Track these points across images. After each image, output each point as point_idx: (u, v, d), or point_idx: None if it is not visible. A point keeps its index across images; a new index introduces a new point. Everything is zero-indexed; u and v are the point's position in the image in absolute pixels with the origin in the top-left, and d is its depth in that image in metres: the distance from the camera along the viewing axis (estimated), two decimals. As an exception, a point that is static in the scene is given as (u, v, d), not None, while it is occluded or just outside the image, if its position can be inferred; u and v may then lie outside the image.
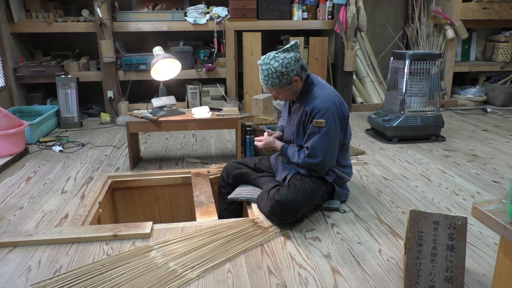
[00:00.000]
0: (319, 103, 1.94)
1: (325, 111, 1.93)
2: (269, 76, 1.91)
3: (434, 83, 3.44)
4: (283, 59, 1.90)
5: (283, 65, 1.89)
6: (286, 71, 1.89)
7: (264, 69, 1.92)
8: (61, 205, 2.25)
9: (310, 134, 1.98)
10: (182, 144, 3.43)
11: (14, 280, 1.57)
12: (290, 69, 1.90)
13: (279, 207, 1.88)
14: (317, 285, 1.53)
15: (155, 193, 2.72)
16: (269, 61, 1.91)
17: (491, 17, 4.59)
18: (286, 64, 1.89)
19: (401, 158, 2.99)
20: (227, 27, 4.26)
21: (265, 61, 1.93)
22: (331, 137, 1.95)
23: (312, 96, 2.00)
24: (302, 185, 1.95)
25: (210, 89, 4.43)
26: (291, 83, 1.96)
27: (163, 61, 2.80)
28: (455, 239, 1.41)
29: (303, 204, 1.93)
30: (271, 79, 1.92)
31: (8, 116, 2.97)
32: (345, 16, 4.21)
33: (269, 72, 1.90)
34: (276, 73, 1.89)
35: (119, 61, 4.20)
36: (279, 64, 1.89)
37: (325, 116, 1.93)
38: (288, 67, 1.89)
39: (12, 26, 3.96)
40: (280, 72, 1.89)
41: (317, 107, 1.94)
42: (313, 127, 1.96)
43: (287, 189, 1.94)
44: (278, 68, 1.89)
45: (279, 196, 1.90)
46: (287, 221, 1.93)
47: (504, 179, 2.57)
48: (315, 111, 1.94)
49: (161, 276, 1.56)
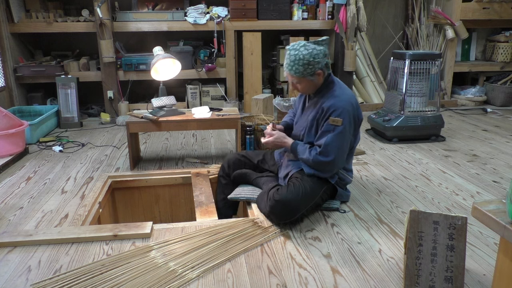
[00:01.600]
0: (337, 102, 1.94)
1: (342, 111, 1.93)
2: (295, 62, 1.91)
3: (434, 83, 3.44)
4: (313, 49, 1.91)
5: (311, 55, 1.89)
6: (313, 61, 1.90)
7: (292, 54, 1.92)
8: (61, 205, 2.25)
9: (325, 131, 1.96)
10: (182, 144, 3.43)
11: (14, 280, 1.57)
12: (317, 60, 1.91)
13: (279, 207, 1.88)
14: (317, 285, 1.53)
15: (155, 193, 2.72)
16: (299, 47, 1.92)
17: (491, 17, 4.59)
18: (314, 54, 1.90)
19: (401, 158, 2.99)
20: (227, 27, 4.26)
21: (294, 47, 1.93)
22: (344, 137, 1.95)
23: (331, 94, 2.00)
24: (302, 185, 1.95)
25: (210, 89, 4.43)
26: (314, 75, 1.96)
27: (163, 61, 2.80)
28: (455, 239, 1.41)
29: (302, 204, 1.93)
30: (297, 65, 1.91)
31: (8, 116, 2.97)
32: (345, 16, 4.21)
33: (297, 58, 1.90)
34: (303, 60, 1.89)
35: (119, 61, 4.20)
36: (308, 53, 1.89)
37: (342, 115, 1.93)
38: (316, 58, 1.90)
39: (12, 26, 3.96)
40: (307, 61, 1.90)
41: (336, 105, 1.94)
42: (328, 125, 1.95)
43: (286, 188, 1.93)
44: (306, 57, 1.89)
45: (279, 196, 1.90)
46: (287, 221, 1.93)
47: (504, 179, 2.57)
48: (332, 109, 1.94)
49: (161, 276, 1.56)
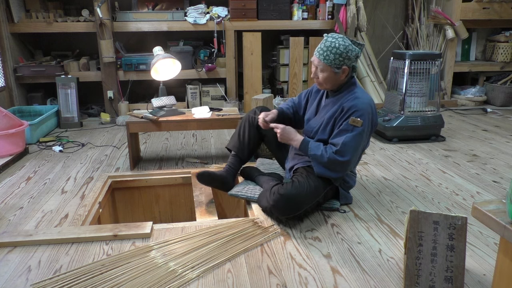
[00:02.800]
0: (359, 103, 1.94)
1: (363, 112, 1.93)
2: (329, 48, 1.91)
3: (434, 83, 3.44)
4: (349, 44, 1.92)
5: (346, 48, 1.90)
6: (346, 54, 1.91)
7: (329, 41, 1.92)
8: (61, 205, 2.25)
9: (343, 130, 1.94)
10: (182, 144, 3.43)
11: (14, 280, 1.57)
12: (349, 55, 1.92)
13: (283, 201, 1.88)
14: (317, 285, 1.53)
15: (155, 193, 2.72)
16: (338, 37, 1.93)
17: (491, 17, 4.59)
18: (349, 49, 1.91)
19: (401, 158, 2.99)
20: (227, 27, 4.26)
21: (333, 36, 1.95)
22: (362, 139, 1.95)
23: (352, 95, 1.99)
24: (307, 181, 1.95)
25: (210, 89, 4.43)
26: (340, 69, 1.95)
27: (163, 61, 2.80)
28: (455, 239, 1.41)
29: (306, 200, 1.93)
30: (328, 52, 1.91)
31: (8, 116, 2.97)
32: (345, 16, 4.21)
33: (332, 45, 1.90)
34: (337, 49, 1.90)
35: (119, 61, 4.20)
36: (344, 45, 1.90)
37: (362, 117, 1.92)
38: (349, 53, 1.91)
39: (12, 26, 3.96)
40: (341, 51, 1.90)
41: (357, 106, 1.93)
42: (347, 125, 1.93)
43: (291, 184, 1.93)
44: (341, 47, 1.90)
45: (284, 190, 1.89)
46: (289, 216, 1.92)
47: (504, 179, 2.57)
48: (353, 109, 1.93)
49: (161, 276, 1.56)
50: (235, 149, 2.34)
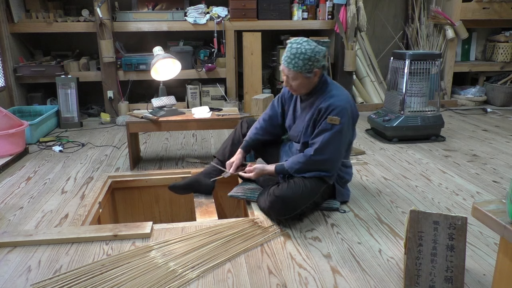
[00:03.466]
0: (336, 101, 1.94)
1: (341, 110, 1.92)
2: (296, 55, 1.89)
3: (434, 83, 3.44)
4: (315, 46, 1.91)
5: (313, 51, 1.89)
6: (314, 57, 1.89)
7: (294, 47, 1.89)
8: (61, 205, 2.25)
9: (322, 130, 1.95)
10: (182, 144, 3.43)
11: (14, 280, 1.57)
12: (317, 57, 1.90)
13: (279, 203, 1.88)
14: (317, 285, 1.53)
15: (155, 193, 2.72)
16: (302, 42, 1.91)
17: (491, 17, 4.59)
18: (316, 51, 1.89)
19: (401, 158, 2.99)
20: (227, 27, 4.26)
21: (297, 41, 1.92)
22: (342, 136, 1.95)
23: (327, 94, 1.99)
24: (302, 182, 1.94)
25: (210, 89, 4.43)
26: (311, 73, 1.94)
27: (163, 61, 2.80)
28: (455, 239, 1.41)
29: (302, 201, 1.93)
30: (296, 59, 1.89)
31: (8, 116, 2.97)
32: (345, 16, 4.21)
33: (298, 51, 1.88)
34: (304, 54, 1.87)
35: (119, 61, 4.20)
36: (311, 49, 1.88)
37: (340, 114, 1.92)
38: (317, 55, 1.90)
39: (12, 26, 3.96)
40: (309, 56, 1.88)
41: (334, 104, 1.93)
42: (326, 124, 1.93)
43: (287, 185, 1.93)
44: (308, 52, 1.88)
45: (279, 191, 1.90)
46: (286, 217, 1.93)
47: (504, 179, 2.57)
48: (331, 108, 1.93)
49: (161, 276, 1.56)
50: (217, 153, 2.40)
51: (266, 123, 2.27)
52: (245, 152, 2.26)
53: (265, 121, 2.28)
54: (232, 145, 2.34)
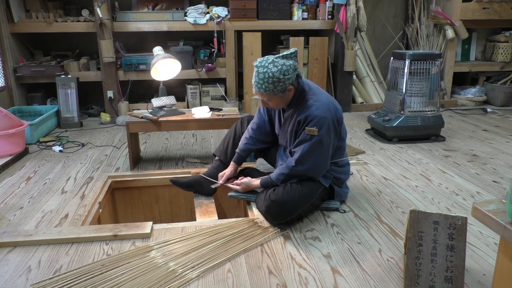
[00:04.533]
0: (313, 111, 1.89)
1: (319, 120, 1.88)
2: (264, 80, 1.83)
3: (434, 83, 3.44)
4: (282, 65, 1.82)
5: (281, 72, 1.81)
6: (283, 78, 1.82)
7: (261, 72, 1.83)
8: (61, 205, 2.25)
9: (301, 141, 1.93)
10: (182, 144, 3.43)
11: (14, 280, 1.57)
12: (287, 76, 1.84)
13: (275, 207, 1.88)
14: (317, 285, 1.53)
15: (155, 193, 2.72)
16: (267, 64, 1.82)
17: (491, 17, 4.59)
18: (284, 71, 1.82)
19: (401, 158, 2.99)
20: (227, 27, 4.26)
21: (262, 64, 1.84)
22: (322, 145, 1.91)
23: (305, 104, 1.94)
24: (298, 186, 1.94)
25: (210, 89, 4.43)
26: (285, 92, 1.89)
27: (163, 61, 2.80)
28: (455, 239, 1.41)
29: (298, 205, 1.92)
30: (266, 83, 1.83)
31: (8, 116, 2.97)
32: (345, 16, 4.21)
33: (266, 76, 1.81)
34: (272, 78, 1.81)
35: (119, 61, 4.20)
36: (277, 70, 1.81)
37: (318, 124, 1.88)
38: (286, 74, 1.82)
39: (12, 26, 3.96)
40: (277, 78, 1.81)
41: (311, 115, 1.89)
42: (304, 134, 1.91)
43: (283, 189, 1.93)
44: (276, 74, 1.81)
45: (275, 196, 1.89)
46: (282, 221, 1.92)
47: (504, 179, 2.57)
48: (308, 119, 1.89)
49: (161, 276, 1.56)
50: (217, 152, 2.38)
51: (255, 132, 2.24)
52: (237, 164, 2.26)
53: (254, 130, 2.25)
54: (233, 146, 2.34)
